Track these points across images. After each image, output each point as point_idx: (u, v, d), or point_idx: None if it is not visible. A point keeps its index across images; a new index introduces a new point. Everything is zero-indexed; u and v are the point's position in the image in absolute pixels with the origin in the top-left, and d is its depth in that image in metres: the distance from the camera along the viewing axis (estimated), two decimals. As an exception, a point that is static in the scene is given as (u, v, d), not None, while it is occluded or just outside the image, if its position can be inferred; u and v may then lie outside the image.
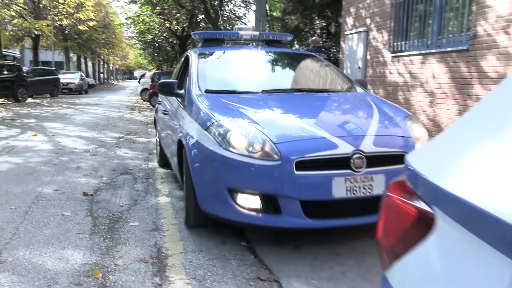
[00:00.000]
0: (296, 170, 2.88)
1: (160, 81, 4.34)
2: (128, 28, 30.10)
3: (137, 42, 36.05)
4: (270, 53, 5.18)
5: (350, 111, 3.93)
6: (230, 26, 25.16)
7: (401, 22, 8.23)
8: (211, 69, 4.54)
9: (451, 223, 0.54)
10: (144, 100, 21.08)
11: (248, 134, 3.05)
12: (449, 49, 6.73)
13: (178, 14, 22.85)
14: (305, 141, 3.03)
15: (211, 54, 4.92)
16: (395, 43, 8.33)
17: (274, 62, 5.11)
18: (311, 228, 3.02)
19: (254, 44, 6.39)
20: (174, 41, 27.11)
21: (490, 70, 5.93)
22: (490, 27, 5.91)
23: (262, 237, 3.42)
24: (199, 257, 3.06)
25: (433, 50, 7.15)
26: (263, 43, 5.77)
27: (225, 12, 24.55)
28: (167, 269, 2.88)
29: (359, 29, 9.57)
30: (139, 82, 29.51)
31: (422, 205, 0.62)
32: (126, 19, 27.72)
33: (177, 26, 24.43)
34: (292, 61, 5.18)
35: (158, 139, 5.98)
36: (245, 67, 4.78)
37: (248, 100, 3.82)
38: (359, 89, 4.46)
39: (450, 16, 7.10)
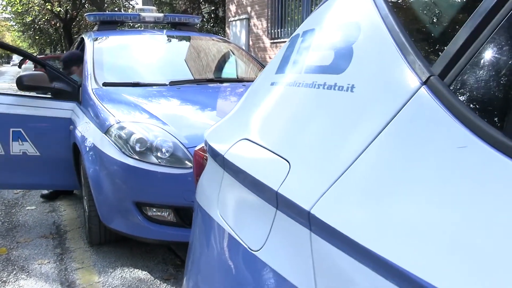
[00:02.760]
0: None
1: (23, 74, 3.53)
2: (4, 10, 27.82)
3: (14, 24, 33.41)
4: (177, 38, 4.68)
5: None
6: (117, 8, 24.52)
7: (277, 11, 9.07)
8: (109, 57, 3.93)
9: (211, 160, 1.15)
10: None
11: (155, 137, 2.68)
12: (316, 37, 7.70)
13: (60, -5, 21.76)
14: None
15: (109, 39, 4.28)
16: (273, 31, 9.17)
17: (182, 48, 4.60)
18: None
19: (154, 27, 5.58)
20: (58, 24, 25.70)
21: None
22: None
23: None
24: (96, 229, 3.49)
25: (304, 38, 8.08)
26: (168, 26, 5.21)
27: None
28: (67, 241, 3.29)
29: (241, 17, 10.27)
30: (20, 67, 27.49)
31: (205, 154, 1.23)
32: (0, -1, 25.61)
33: (59, 8, 23.22)
34: (202, 46, 4.64)
35: None
36: (150, 54, 4.22)
37: (155, 95, 3.40)
38: None
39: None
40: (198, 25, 5.34)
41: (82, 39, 4.41)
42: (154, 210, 2.69)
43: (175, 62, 4.28)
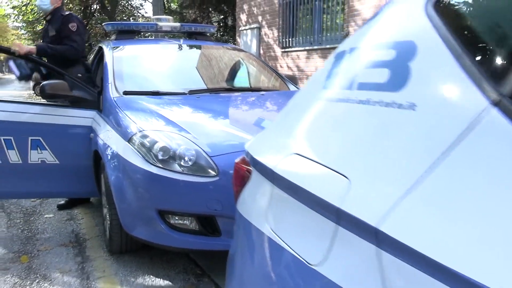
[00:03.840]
0: None
1: (45, 82, 3.54)
2: (16, 20, 28.18)
3: (25, 32, 33.78)
4: (194, 47, 4.72)
5: None
6: (126, 17, 24.76)
7: (288, 21, 9.12)
8: (129, 66, 3.95)
9: (256, 173, 1.17)
10: (37, 95, 20.06)
11: (178, 145, 2.69)
12: (328, 46, 7.72)
13: (70, 5, 21.99)
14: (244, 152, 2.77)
15: (127, 48, 4.32)
16: (284, 40, 9.22)
17: (199, 58, 4.61)
18: None
19: (164, 36, 5.78)
20: (67, 32, 25.90)
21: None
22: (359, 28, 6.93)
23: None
24: (114, 238, 3.51)
25: (316, 47, 8.12)
26: (184, 36, 5.27)
27: (121, 1, 24.06)
28: (87, 250, 3.31)
29: (252, 26, 10.34)
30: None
31: (249, 167, 1.24)
32: (12, 8, 25.95)
33: (70, 17, 23.44)
34: (219, 56, 4.69)
35: None
36: (168, 63, 4.29)
37: (175, 103, 3.44)
38: (292, 87, 4.23)
39: (327, 17, 8.11)
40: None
41: (101, 48, 4.47)
42: (176, 218, 2.70)
43: (193, 71, 4.34)
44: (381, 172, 0.76)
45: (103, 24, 5.69)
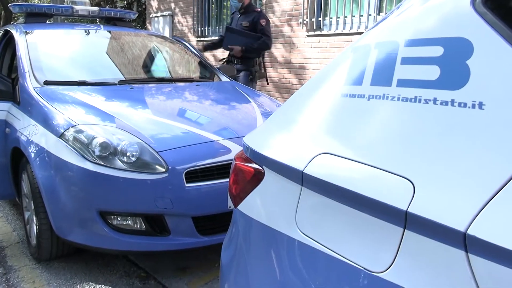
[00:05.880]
0: (187, 182, 2.48)
1: None
2: None
3: None
4: (118, 34, 4.31)
5: (230, 106, 3.48)
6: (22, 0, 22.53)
7: (204, 9, 8.94)
8: (47, 53, 3.57)
9: (273, 173, 1.09)
10: None
11: (119, 140, 2.49)
12: (245, 36, 7.70)
13: None
14: (193, 146, 2.61)
15: (43, 33, 3.87)
16: (199, 28, 9.03)
17: (125, 45, 4.25)
18: (205, 246, 2.61)
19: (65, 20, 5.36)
20: None
21: (279, 56, 7.09)
22: (277, 19, 7.01)
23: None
24: (38, 243, 3.17)
25: (233, 37, 8.05)
26: (103, 21, 4.83)
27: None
28: (7, 259, 2.95)
29: (164, 13, 9.98)
30: None
31: (256, 166, 1.16)
32: None
33: None
34: (146, 44, 4.44)
35: None
36: (91, 51, 3.96)
37: (106, 95, 3.15)
38: (223, 77, 4.13)
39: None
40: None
41: (7, 32, 3.98)
42: (119, 219, 2.51)
43: (120, 59, 4.03)
44: (455, 174, 0.74)
45: (9, 5, 5.07)
